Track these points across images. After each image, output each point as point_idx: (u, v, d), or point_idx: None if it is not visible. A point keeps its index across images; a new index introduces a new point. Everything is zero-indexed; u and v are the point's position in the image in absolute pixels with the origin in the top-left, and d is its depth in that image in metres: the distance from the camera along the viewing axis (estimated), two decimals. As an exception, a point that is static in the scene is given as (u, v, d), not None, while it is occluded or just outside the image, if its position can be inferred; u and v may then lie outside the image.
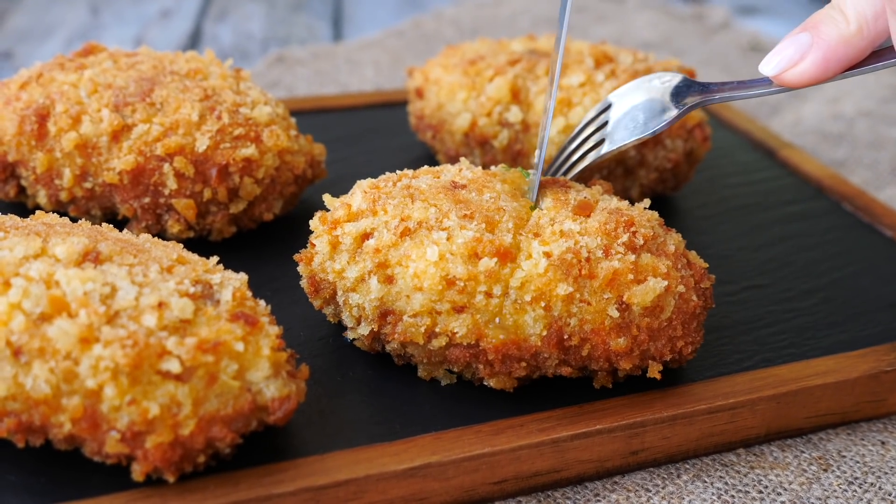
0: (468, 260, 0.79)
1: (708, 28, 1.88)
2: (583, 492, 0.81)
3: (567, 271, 0.79)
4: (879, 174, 1.40)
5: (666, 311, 0.81)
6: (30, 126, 0.97)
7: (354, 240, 0.83)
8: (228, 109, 0.98)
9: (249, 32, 1.81)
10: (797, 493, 0.82)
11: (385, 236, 0.82)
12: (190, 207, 0.96)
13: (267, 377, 0.72)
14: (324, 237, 0.85)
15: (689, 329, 0.83)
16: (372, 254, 0.82)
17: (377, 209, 0.84)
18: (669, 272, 0.81)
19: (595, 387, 0.84)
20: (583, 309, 0.79)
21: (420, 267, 0.80)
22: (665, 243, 0.84)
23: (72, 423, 0.69)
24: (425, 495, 0.77)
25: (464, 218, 0.82)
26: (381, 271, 0.82)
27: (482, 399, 0.83)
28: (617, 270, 0.79)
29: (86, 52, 1.04)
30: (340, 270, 0.84)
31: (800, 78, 0.81)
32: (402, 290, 0.81)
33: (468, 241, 0.80)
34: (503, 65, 1.11)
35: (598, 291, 0.79)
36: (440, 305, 0.80)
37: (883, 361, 0.89)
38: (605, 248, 0.81)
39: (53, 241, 0.75)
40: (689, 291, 0.82)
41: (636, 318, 0.80)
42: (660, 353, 0.82)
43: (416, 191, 0.85)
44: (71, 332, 0.68)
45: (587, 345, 0.80)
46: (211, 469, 0.73)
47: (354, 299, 0.83)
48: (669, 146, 1.08)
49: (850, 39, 0.79)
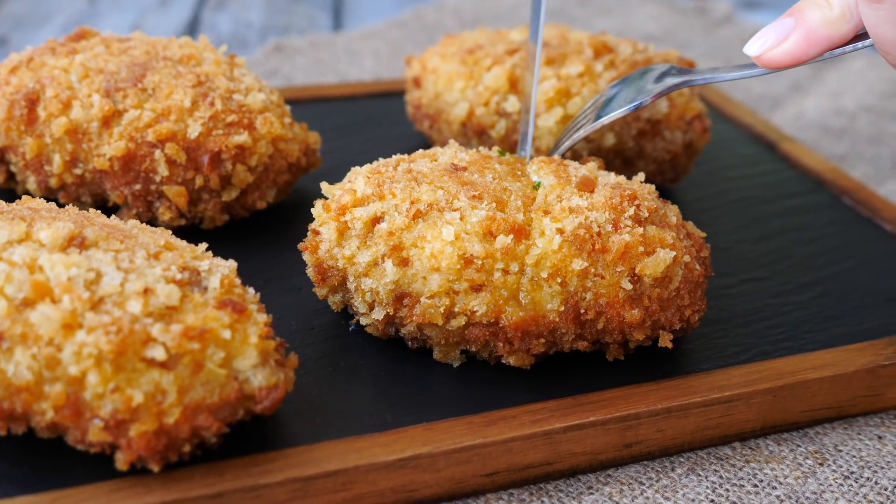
0: (484, 238, 0.80)
1: (711, 22, 1.87)
2: (576, 484, 0.80)
3: (581, 246, 0.80)
4: (880, 169, 1.39)
5: (674, 280, 0.83)
6: (19, 111, 0.96)
7: (365, 224, 0.84)
8: (221, 96, 0.97)
9: (248, 21, 1.80)
10: (792, 488, 0.81)
11: (397, 219, 0.82)
12: (181, 195, 0.96)
13: (254, 365, 0.71)
14: (330, 224, 0.85)
15: (695, 297, 0.85)
16: (385, 237, 0.82)
17: (384, 193, 0.84)
18: (675, 243, 0.83)
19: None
20: (597, 283, 0.81)
21: (437, 247, 0.80)
22: (666, 215, 0.86)
23: (54, 410, 0.68)
24: (415, 487, 0.76)
25: (473, 198, 0.83)
26: (396, 254, 0.82)
27: (475, 389, 0.82)
28: (628, 243, 0.81)
29: (78, 37, 1.03)
30: (351, 256, 0.84)
31: (781, 57, 0.82)
32: (419, 271, 0.81)
33: (482, 219, 0.81)
34: (501, 54, 1.10)
35: (612, 265, 0.81)
36: (458, 285, 0.80)
37: (880, 356, 0.88)
38: (613, 223, 0.82)
39: (38, 226, 0.74)
40: (693, 261, 0.85)
41: (647, 290, 0.82)
42: (670, 323, 0.84)
43: (419, 174, 0.86)
44: (54, 317, 0.67)
45: (602, 318, 0.82)
46: (197, 458, 0.72)
47: (367, 284, 0.83)
48: (668, 137, 1.07)
49: (833, 22, 0.80)
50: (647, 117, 1.06)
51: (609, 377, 0.84)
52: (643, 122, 1.06)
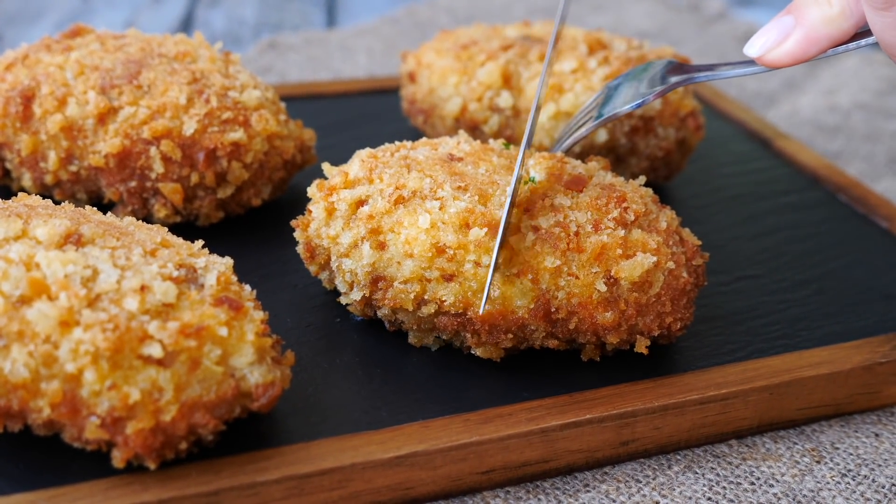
0: (459, 230, 0.81)
1: (704, 19, 1.87)
2: (572, 482, 0.80)
3: (554, 245, 0.80)
4: (875, 166, 1.39)
5: (655, 286, 0.81)
6: (14, 108, 0.95)
7: (349, 206, 0.84)
8: (217, 93, 0.97)
9: (242, 18, 1.80)
10: (789, 485, 0.81)
11: (379, 203, 0.83)
12: (177, 192, 0.95)
13: (251, 363, 0.71)
14: (320, 203, 0.86)
15: (679, 305, 0.83)
16: (365, 220, 0.83)
17: (373, 177, 0.85)
18: (659, 248, 0.82)
19: (583, 359, 0.85)
20: (570, 282, 0.80)
21: (411, 234, 0.81)
22: (657, 220, 0.85)
23: (51, 408, 0.68)
24: (412, 484, 0.76)
25: (458, 189, 0.83)
26: (374, 237, 0.83)
27: (471, 387, 0.82)
28: (605, 245, 0.80)
29: (73, 34, 1.03)
30: (335, 236, 0.85)
31: (782, 57, 0.82)
32: (394, 256, 0.82)
33: (460, 211, 0.81)
34: (496, 50, 1.10)
35: (586, 265, 0.80)
36: (430, 273, 0.81)
37: (877, 353, 0.88)
38: (594, 223, 0.82)
39: (34, 223, 0.74)
40: (680, 268, 0.83)
41: (624, 293, 0.81)
42: (648, 328, 0.82)
43: (413, 161, 0.87)
44: (51, 315, 0.67)
45: (574, 318, 0.81)
46: (193, 456, 0.72)
47: (347, 265, 0.84)
48: (661, 134, 1.07)
49: (833, 20, 0.79)
50: (640, 114, 1.06)
51: (605, 375, 0.84)
52: (636, 118, 1.06)
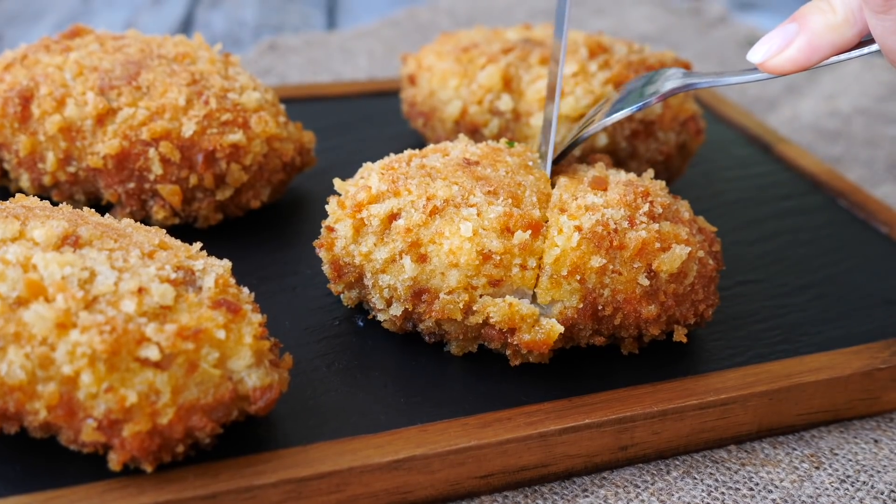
0: (501, 234, 0.81)
1: (705, 22, 1.87)
2: (570, 487, 0.80)
3: (599, 244, 0.81)
4: (875, 172, 1.38)
5: (689, 276, 0.84)
6: (13, 108, 0.95)
7: (382, 221, 0.84)
8: (216, 94, 0.97)
9: (242, 19, 1.79)
10: (788, 491, 0.81)
11: (414, 216, 0.83)
12: (175, 193, 0.95)
13: (249, 366, 0.71)
14: (346, 221, 0.85)
15: (709, 292, 0.86)
16: (403, 234, 0.83)
17: (399, 190, 0.85)
18: (689, 238, 0.85)
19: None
20: (615, 279, 0.82)
21: (455, 243, 0.81)
22: (679, 210, 0.88)
23: (47, 410, 0.67)
24: (410, 489, 0.76)
25: (489, 194, 0.84)
26: (414, 251, 0.82)
27: (470, 391, 0.82)
28: (645, 240, 0.82)
29: (72, 35, 1.02)
30: (368, 253, 0.84)
31: (785, 64, 0.82)
32: (437, 267, 0.82)
33: (500, 215, 0.82)
34: (496, 53, 1.09)
35: (629, 261, 0.82)
36: (476, 280, 0.81)
37: (877, 359, 0.88)
38: (629, 219, 0.83)
39: (32, 225, 0.74)
40: (706, 255, 0.86)
41: (663, 285, 0.83)
42: (684, 317, 0.85)
43: (432, 169, 0.86)
44: (48, 317, 0.67)
45: (619, 314, 0.83)
46: (190, 459, 0.72)
47: (385, 280, 0.84)
48: (662, 138, 1.07)
49: (836, 27, 0.80)
50: (641, 118, 1.06)
51: (604, 379, 0.84)
52: (636, 122, 1.05)
